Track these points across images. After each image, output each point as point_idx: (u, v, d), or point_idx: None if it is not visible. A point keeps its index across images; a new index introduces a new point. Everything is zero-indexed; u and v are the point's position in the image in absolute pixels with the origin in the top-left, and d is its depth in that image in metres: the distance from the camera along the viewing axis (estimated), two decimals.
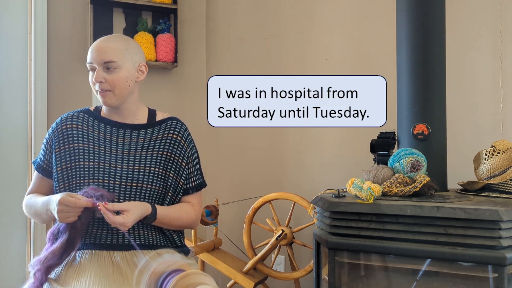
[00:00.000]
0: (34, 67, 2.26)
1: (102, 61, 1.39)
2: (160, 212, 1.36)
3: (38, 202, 1.38)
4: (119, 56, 1.40)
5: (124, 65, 1.41)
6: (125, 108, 1.46)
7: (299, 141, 2.43)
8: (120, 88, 1.41)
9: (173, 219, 1.41)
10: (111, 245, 1.34)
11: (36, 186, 1.48)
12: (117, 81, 1.40)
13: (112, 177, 1.37)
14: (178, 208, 1.44)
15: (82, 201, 1.23)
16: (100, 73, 1.39)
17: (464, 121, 2.03)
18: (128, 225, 1.24)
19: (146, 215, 1.33)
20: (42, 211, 1.36)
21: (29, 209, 1.44)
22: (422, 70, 1.68)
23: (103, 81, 1.39)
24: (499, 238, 1.25)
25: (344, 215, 1.46)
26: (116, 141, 1.44)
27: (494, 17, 1.99)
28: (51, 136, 1.45)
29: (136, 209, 1.29)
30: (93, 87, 1.43)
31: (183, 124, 1.54)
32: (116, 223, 1.22)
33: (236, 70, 2.62)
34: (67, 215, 1.23)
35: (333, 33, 2.36)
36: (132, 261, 1.32)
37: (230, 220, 2.53)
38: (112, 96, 1.41)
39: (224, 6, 2.68)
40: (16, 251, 2.26)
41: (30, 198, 1.45)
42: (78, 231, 1.26)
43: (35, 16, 2.27)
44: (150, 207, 1.34)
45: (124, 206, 1.27)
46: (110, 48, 1.40)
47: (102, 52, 1.39)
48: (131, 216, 1.25)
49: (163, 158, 1.44)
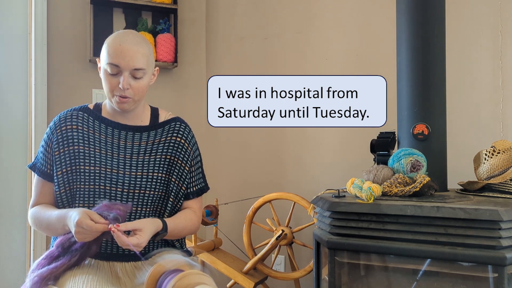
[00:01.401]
0: (34, 67, 2.26)
1: (132, 68, 1.30)
2: (169, 226, 1.32)
3: (52, 216, 1.29)
4: (147, 63, 1.33)
5: (148, 71, 1.35)
6: (134, 110, 1.40)
7: (299, 141, 2.43)
8: (141, 95, 1.35)
9: (181, 230, 1.38)
10: (111, 255, 1.31)
11: (40, 195, 1.39)
12: (141, 88, 1.34)
13: (114, 184, 1.33)
14: (183, 218, 1.40)
15: (99, 226, 1.15)
16: (128, 80, 1.30)
17: (464, 121, 2.03)
18: (143, 245, 1.18)
19: (157, 231, 1.28)
20: (57, 226, 1.27)
21: (39, 223, 1.34)
22: (422, 70, 1.68)
23: (129, 88, 1.31)
24: (499, 238, 1.25)
25: (344, 215, 1.46)
26: (118, 144, 1.38)
27: (494, 17, 1.99)
28: (50, 137, 1.38)
29: (149, 227, 1.23)
30: (111, 91, 1.33)
31: (187, 126, 1.48)
32: (130, 246, 1.15)
33: (236, 70, 2.62)
34: (85, 236, 1.17)
35: (333, 33, 2.35)
36: (132, 273, 1.30)
37: (230, 220, 2.53)
38: (132, 102, 1.35)
39: (224, 6, 2.68)
40: (16, 251, 2.26)
41: (39, 212, 1.34)
42: (90, 253, 1.23)
43: (35, 16, 2.26)
44: (161, 223, 1.29)
45: (137, 225, 1.21)
46: (140, 54, 1.31)
47: (132, 57, 1.29)
48: (145, 236, 1.19)
49: (166, 162, 1.40)
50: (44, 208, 1.35)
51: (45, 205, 1.37)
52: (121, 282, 1.26)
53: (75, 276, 1.21)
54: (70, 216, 1.21)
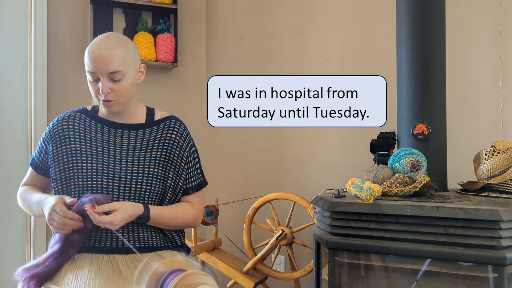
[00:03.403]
0: (34, 67, 2.26)
1: (108, 72, 1.33)
2: (154, 212, 1.34)
3: (33, 199, 1.39)
4: (123, 64, 1.35)
5: (128, 71, 1.37)
6: (125, 110, 1.44)
7: (299, 141, 2.43)
8: (126, 96, 1.38)
9: (168, 219, 1.38)
10: (111, 249, 1.32)
11: (30, 180, 1.50)
12: (123, 90, 1.36)
13: (110, 179, 1.36)
14: (175, 208, 1.42)
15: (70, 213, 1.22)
16: (106, 84, 1.33)
17: (464, 121, 2.03)
18: (116, 223, 1.22)
19: (139, 215, 1.31)
20: (35, 210, 1.37)
21: (23, 201, 1.45)
22: (422, 70, 1.68)
23: (109, 91, 1.34)
24: (499, 238, 1.25)
25: (344, 215, 1.46)
26: (114, 141, 1.41)
27: (494, 17, 1.99)
28: (48, 136, 1.43)
29: (125, 207, 1.27)
30: (96, 97, 1.38)
31: (181, 123, 1.51)
32: (104, 223, 1.20)
33: (236, 70, 2.62)
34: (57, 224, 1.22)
35: (333, 33, 2.36)
36: (133, 264, 1.31)
37: (230, 220, 2.53)
38: (117, 104, 1.38)
39: (224, 6, 2.68)
40: (16, 251, 2.26)
41: (26, 191, 1.45)
42: (73, 244, 1.26)
43: (35, 16, 2.26)
44: (142, 207, 1.32)
45: (113, 206, 1.25)
46: (114, 57, 1.33)
47: (106, 62, 1.32)
48: (118, 215, 1.23)
49: (162, 158, 1.42)
50: (30, 189, 1.45)
51: (32, 187, 1.48)
52: (123, 275, 1.27)
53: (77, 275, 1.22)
54: (47, 202, 1.28)
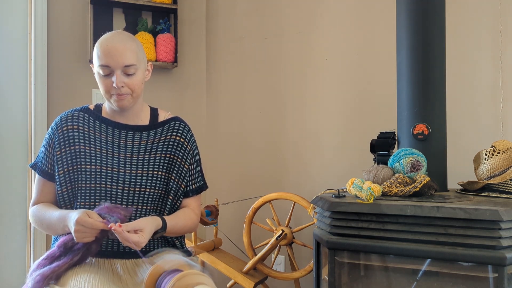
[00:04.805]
0: (34, 67, 2.26)
1: (123, 65, 1.32)
2: (169, 224, 1.34)
3: (52, 216, 1.31)
4: (137, 58, 1.35)
5: (141, 66, 1.37)
6: (132, 108, 1.42)
7: (299, 141, 2.43)
8: (138, 91, 1.37)
9: (180, 228, 1.39)
10: (112, 253, 1.32)
11: (41, 194, 1.41)
12: (136, 84, 1.35)
13: (114, 182, 1.35)
14: (183, 216, 1.42)
15: (99, 224, 1.18)
16: (121, 78, 1.32)
17: (464, 121, 2.03)
18: (143, 245, 1.20)
19: (157, 230, 1.29)
20: (57, 227, 1.30)
21: (40, 222, 1.36)
22: (422, 70, 1.67)
23: (123, 85, 1.33)
24: (499, 238, 1.25)
25: (344, 215, 1.46)
26: (118, 143, 1.40)
27: (494, 17, 1.99)
28: (52, 137, 1.40)
29: (149, 227, 1.25)
30: (107, 91, 1.35)
31: (186, 125, 1.50)
32: (131, 243, 1.17)
33: (236, 70, 2.62)
34: (84, 235, 1.19)
35: (333, 33, 2.35)
36: (133, 270, 1.31)
37: (230, 220, 2.53)
38: (130, 99, 1.36)
39: (224, 6, 2.68)
40: (16, 251, 2.26)
41: (40, 210, 1.36)
42: (91, 253, 1.24)
43: (35, 16, 2.27)
44: (160, 221, 1.31)
45: (138, 225, 1.22)
46: (129, 50, 1.32)
47: (120, 55, 1.31)
48: (146, 235, 1.21)
49: (166, 160, 1.42)
50: (45, 207, 1.36)
51: (46, 204, 1.39)
52: (122, 280, 1.27)
53: (77, 275, 1.21)
54: (70, 217, 1.22)
